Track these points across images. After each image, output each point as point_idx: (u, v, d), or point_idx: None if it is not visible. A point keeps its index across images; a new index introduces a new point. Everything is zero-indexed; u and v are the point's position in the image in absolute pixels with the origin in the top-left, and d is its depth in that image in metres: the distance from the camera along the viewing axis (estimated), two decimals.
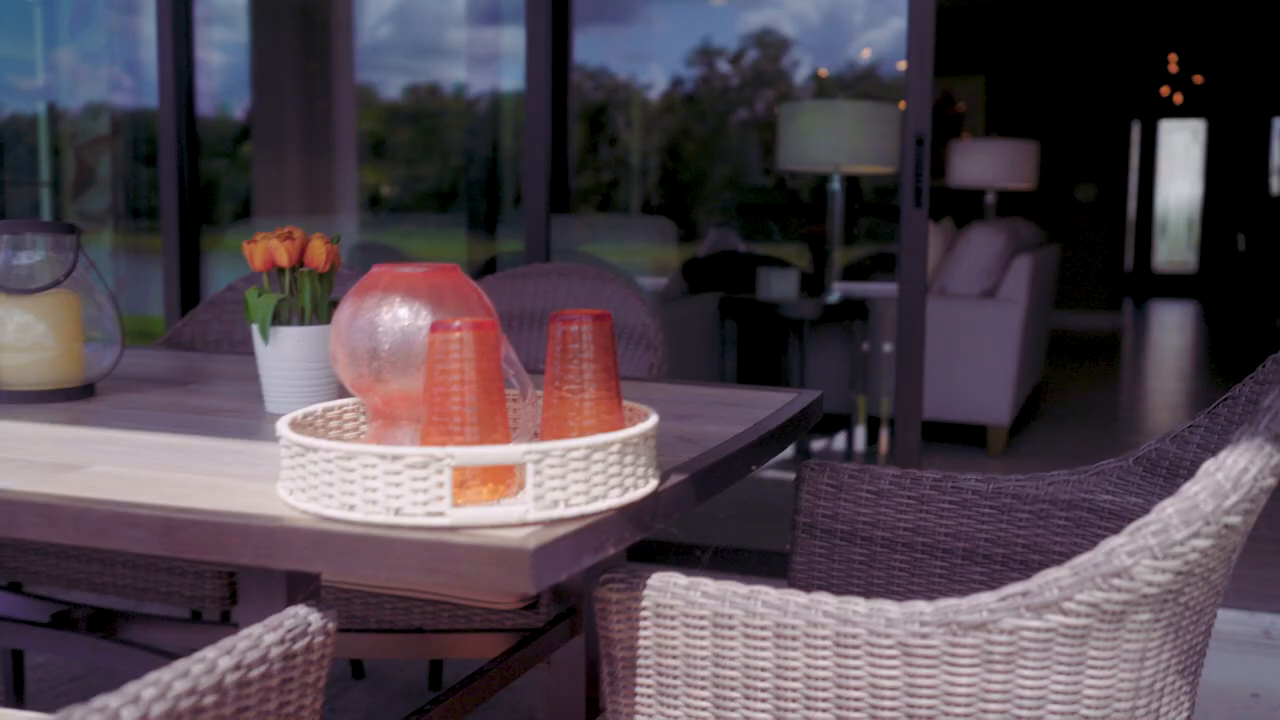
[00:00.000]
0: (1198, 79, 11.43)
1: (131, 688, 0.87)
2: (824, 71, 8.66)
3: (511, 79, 5.98)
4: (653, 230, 6.54)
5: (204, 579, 2.05)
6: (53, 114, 4.88)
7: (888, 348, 4.84)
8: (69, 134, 4.89)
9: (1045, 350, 6.49)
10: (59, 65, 4.90)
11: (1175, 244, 13.62)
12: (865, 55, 8.65)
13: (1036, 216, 10.84)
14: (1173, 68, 11.39)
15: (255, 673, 0.95)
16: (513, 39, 5.93)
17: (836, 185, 4.74)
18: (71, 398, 1.65)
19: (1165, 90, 11.59)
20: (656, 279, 5.16)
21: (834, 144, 4.38)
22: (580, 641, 1.87)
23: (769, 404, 1.63)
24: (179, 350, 2.28)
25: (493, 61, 6.02)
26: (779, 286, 4.55)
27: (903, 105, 6.07)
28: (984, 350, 4.66)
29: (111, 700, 0.85)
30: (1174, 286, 12.99)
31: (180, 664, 0.91)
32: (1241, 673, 2.61)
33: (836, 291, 4.74)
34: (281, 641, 0.99)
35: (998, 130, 10.72)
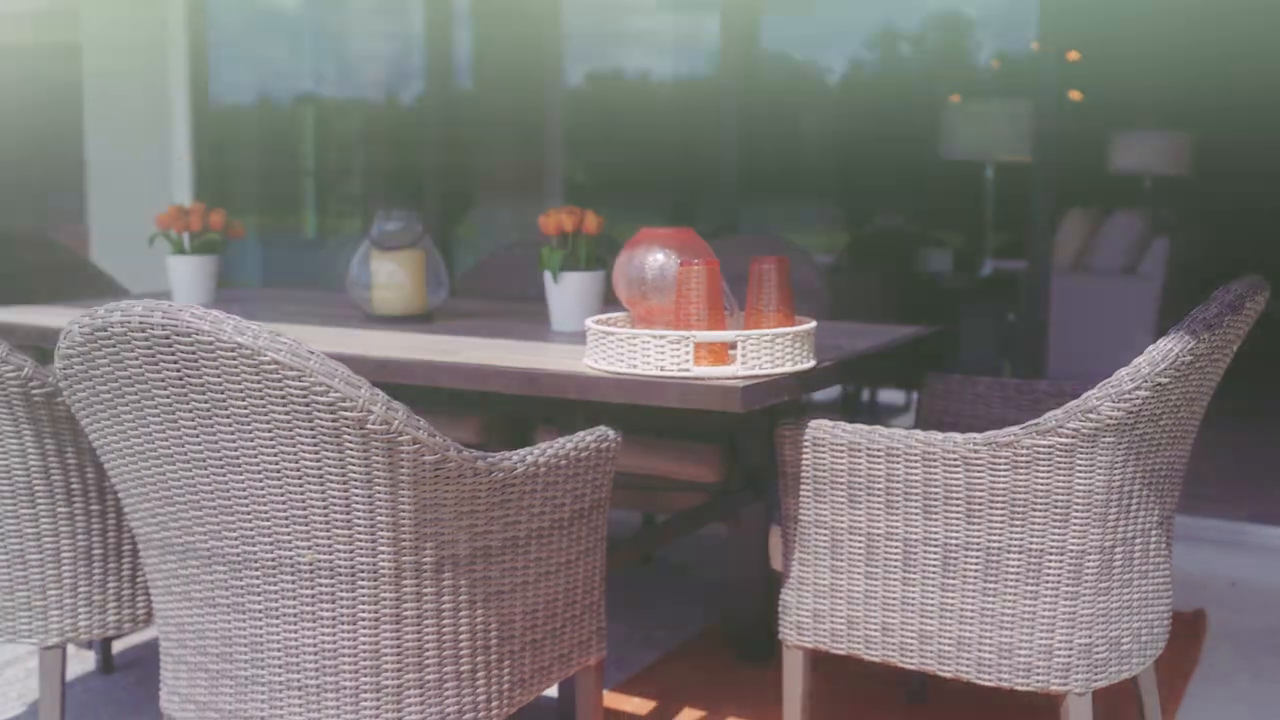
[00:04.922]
0: None
1: (526, 449, 1.61)
2: (996, 63, 9.07)
3: (695, 65, 6.45)
4: (825, 213, 7.16)
5: None
6: (316, 110, 5.81)
7: None
8: (329, 128, 5.83)
9: None
10: (323, 66, 5.83)
11: None
12: (1035, 49, 9.02)
13: (1199, 203, 10.99)
14: None
15: (583, 454, 1.69)
16: (698, 24, 6.42)
17: (990, 173, 5.30)
18: (419, 321, 2.43)
19: None
20: (825, 256, 5.79)
21: (985, 137, 4.95)
22: (762, 506, 2.57)
23: (896, 332, 2.30)
24: (458, 298, 3.06)
25: (676, 48, 6.60)
26: (936, 262, 5.15)
27: (1076, 96, 6.46)
28: (1122, 322, 5.16)
29: (520, 451, 1.59)
30: None
31: (545, 443, 1.65)
32: (1222, 566, 3.24)
33: (988, 267, 5.31)
34: (595, 440, 1.72)
35: (1168, 119, 10.91)
